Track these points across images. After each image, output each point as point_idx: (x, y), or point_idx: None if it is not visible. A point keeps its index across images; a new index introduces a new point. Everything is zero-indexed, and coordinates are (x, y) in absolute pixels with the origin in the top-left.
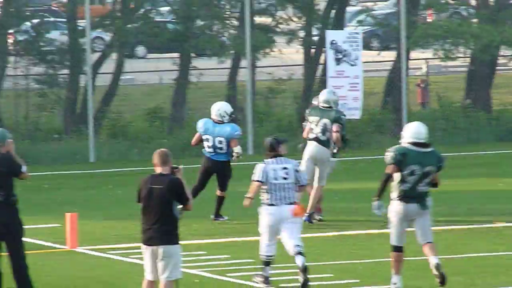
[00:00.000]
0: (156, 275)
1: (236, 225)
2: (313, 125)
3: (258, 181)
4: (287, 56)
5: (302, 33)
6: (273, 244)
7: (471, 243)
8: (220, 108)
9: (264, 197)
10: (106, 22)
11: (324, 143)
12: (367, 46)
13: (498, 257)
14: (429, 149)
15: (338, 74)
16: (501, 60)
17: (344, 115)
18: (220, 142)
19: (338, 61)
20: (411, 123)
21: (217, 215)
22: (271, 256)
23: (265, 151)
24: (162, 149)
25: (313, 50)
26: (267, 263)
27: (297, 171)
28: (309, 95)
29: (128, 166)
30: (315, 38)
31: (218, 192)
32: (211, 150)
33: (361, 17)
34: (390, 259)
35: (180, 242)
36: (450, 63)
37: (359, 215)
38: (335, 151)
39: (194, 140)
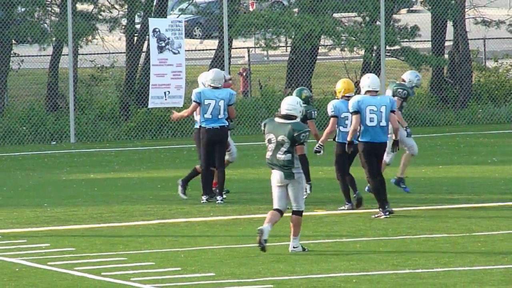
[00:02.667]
0: None
1: (57, 213)
2: None
3: None
4: (109, 43)
5: (124, 21)
6: None
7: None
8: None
9: None
10: None
11: None
12: (189, 35)
13: (318, 245)
14: (288, 121)
15: (161, 62)
16: (321, 50)
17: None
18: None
19: (161, 49)
20: (286, 97)
21: (183, 185)
22: None
23: None
24: None
25: (136, 38)
26: None
27: None
28: (131, 83)
29: None
30: (138, 26)
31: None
32: None
33: (184, 5)
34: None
35: (0, 230)
36: (271, 52)
37: (182, 203)
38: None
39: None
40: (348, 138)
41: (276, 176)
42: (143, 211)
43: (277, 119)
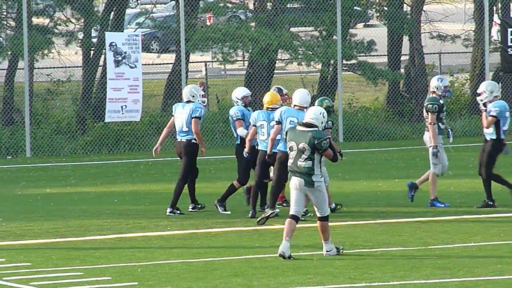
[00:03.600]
0: None
1: (12, 228)
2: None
3: None
4: (66, 57)
5: (81, 35)
6: None
7: (250, 244)
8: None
9: None
10: None
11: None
12: (146, 48)
13: (275, 259)
14: (308, 129)
15: (118, 76)
16: (278, 64)
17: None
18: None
19: (117, 63)
20: (312, 107)
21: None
22: None
23: None
24: None
25: (92, 52)
26: None
27: None
28: (88, 97)
29: None
30: (94, 40)
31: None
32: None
33: (141, 19)
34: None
35: None
36: (229, 66)
37: (139, 218)
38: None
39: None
40: (268, 151)
41: (295, 181)
42: (99, 225)
43: (298, 127)
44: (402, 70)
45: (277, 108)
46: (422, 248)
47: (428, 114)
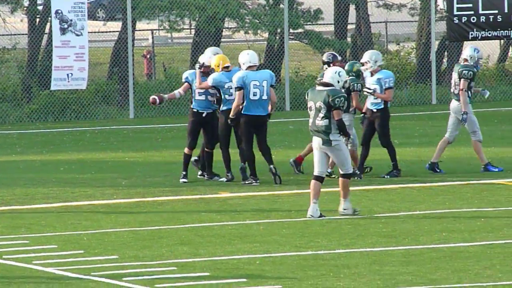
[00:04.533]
0: None
1: None
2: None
3: None
4: (11, 25)
5: (26, 2)
6: None
7: (196, 213)
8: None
9: None
10: None
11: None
12: (92, 16)
13: (222, 227)
14: (325, 88)
15: (64, 44)
16: (225, 32)
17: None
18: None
19: (63, 30)
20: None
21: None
22: None
23: None
24: None
25: (38, 19)
26: None
27: None
28: (34, 65)
29: None
30: (40, 7)
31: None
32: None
33: None
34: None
35: None
36: (175, 34)
37: (85, 186)
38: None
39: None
40: (231, 114)
41: (315, 141)
42: (45, 194)
43: (317, 87)
44: (349, 39)
45: (229, 66)
46: (368, 216)
47: (460, 80)
